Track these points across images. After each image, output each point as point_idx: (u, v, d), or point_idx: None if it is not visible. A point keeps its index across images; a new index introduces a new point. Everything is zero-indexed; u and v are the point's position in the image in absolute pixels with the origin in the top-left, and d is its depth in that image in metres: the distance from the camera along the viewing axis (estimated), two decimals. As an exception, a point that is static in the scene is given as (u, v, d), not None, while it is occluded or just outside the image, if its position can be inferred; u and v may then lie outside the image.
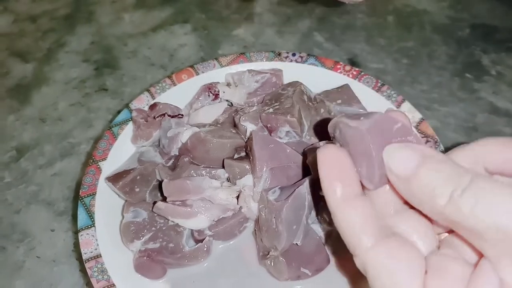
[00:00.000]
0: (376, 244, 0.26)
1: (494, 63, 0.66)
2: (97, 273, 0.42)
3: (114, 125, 0.51)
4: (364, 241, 0.26)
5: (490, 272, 0.24)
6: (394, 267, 0.25)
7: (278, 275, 0.43)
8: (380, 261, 0.25)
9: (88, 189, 0.47)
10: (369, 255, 0.26)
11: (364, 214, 0.26)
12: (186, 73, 0.56)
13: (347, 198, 0.27)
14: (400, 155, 0.26)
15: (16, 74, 0.69)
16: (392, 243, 0.26)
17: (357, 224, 0.26)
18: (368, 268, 0.26)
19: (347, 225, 0.26)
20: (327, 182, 0.27)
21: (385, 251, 0.25)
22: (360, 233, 0.26)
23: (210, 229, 0.45)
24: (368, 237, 0.26)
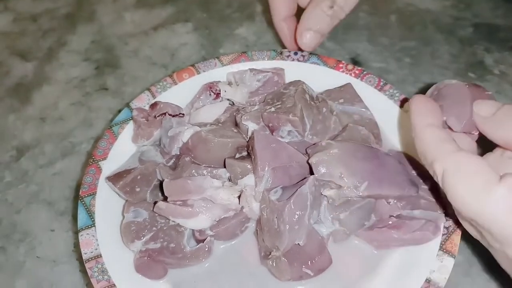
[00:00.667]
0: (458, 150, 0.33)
1: (497, 62, 0.66)
2: (98, 273, 0.41)
3: (115, 125, 0.51)
4: (447, 147, 0.33)
5: None
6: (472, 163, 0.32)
7: (280, 276, 0.43)
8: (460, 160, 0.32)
9: (89, 188, 0.46)
10: (452, 156, 0.32)
11: (446, 135, 0.35)
12: (187, 72, 0.55)
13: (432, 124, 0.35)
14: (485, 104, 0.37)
15: (17, 73, 0.69)
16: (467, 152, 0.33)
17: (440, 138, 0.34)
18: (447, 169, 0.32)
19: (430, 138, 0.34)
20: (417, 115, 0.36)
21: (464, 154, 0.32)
22: (442, 142, 0.34)
23: (211, 229, 0.45)
24: (449, 146, 0.33)
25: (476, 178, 0.31)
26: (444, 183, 0.33)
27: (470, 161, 0.32)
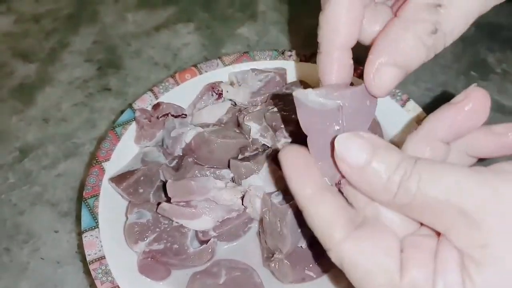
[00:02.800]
0: (348, 236, 0.26)
1: (500, 61, 0.66)
2: (101, 274, 0.41)
3: (117, 125, 0.51)
4: (336, 234, 0.26)
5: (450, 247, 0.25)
6: (368, 254, 0.26)
7: (283, 278, 0.43)
8: (354, 251, 0.26)
9: (92, 190, 0.46)
10: (342, 248, 0.26)
11: (333, 207, 0.27)
12: (190, 73, 0.55)
13: (314, 193, 0.27)
14: (352, 146, 0.26)
15: (19, 74, 0.69)
16: (363, 232, 0.26)
17: (326, 218, 0.27)
18: (343, 261, 0.26)
19: (317, 220, 0.27)
20: (293, 181, 0.28)
21: (356, 241, 0.26)
22: (330, 227, 0.26)
23: (215, 230, 0.45)
24: (339, 231, 0.26)
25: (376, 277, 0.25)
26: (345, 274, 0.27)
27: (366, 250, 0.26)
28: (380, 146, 0.26)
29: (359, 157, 0.26)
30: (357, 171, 0.26)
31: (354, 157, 0.26)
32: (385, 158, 0.26)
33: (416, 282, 0.25)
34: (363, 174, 0.26)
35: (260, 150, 0.48)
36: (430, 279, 0.24)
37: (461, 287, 0.24)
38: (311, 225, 0.28)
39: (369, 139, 0.26)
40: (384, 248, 0.26)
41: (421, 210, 0.25)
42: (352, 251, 0.26)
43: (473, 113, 0.28)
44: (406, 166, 0.25)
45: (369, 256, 0.26)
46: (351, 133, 0.27)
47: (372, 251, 0.26)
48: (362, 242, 0.26)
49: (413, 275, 0.25)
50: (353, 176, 0.27)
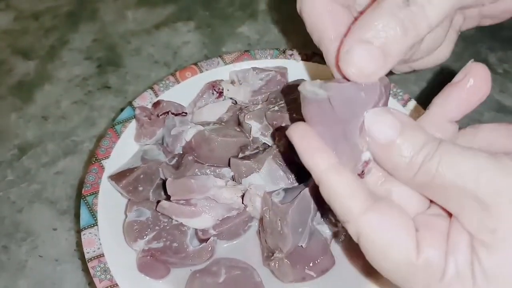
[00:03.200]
0: (367, 209, 0.27)
1: (501, 61, 0.66)
2: (100, 272, 0.41)
3: (117, 123, 0.51)
4: (355, 207, 0.27)
5: (461, 229, 0.26)
6: (386, 228, 0.26)
7: (283, 278, 0.43)
8: (373, 225, 0.26)
9: (91, 187, 0.46)
10: (361, 221, 0.26)
11: (351, 181, 0.27)
12: (190, 71, 0.55)
13: (331, 167, 0.28)
14: (381, 121, 0.27)
15: (19, 71, 0.68)
16: (381, 206, 0.27)
17: (345, 192, 0.27)
18: (361, 232, 0.27)
19: (335, 193, 0.27)
20: (307, 155, 0.28)
21: (376, 215, 0.26)
22: (349, 200, 0.27)
23: (214, 229, 0.44)
24: (358, 203, 0.27)
25: (393, 253, 0.26)
26: (361, 248, 0.27)
27: (384, 226, 0.26)
28: (408, 124, 0.27)
29: (386, 134, 0.26)
30: (382, 147, 0.27)
31: (382, 132, 0.27)
32: (411, 138, 0.26)
33: (430, 261, 0.25)
34: (388, 151, 0.27)
35: (260, 148, 0.48)
36: (443, 259, 0.25)
37: (470, 268, 0.25)
38: (328, 198, 0.28)
39: (398, 117, 0.27)
40: (401, 225, 0.26)
41: (437, 191, 0.26)
42: (370, 225, 0.26)
43: (476, 89, 0.29)
44: (430, 148, 0.26)
45: (388, 232, 0.26)
46: (381, 108, 0.27)
47: (390, 227, 0.26)
48: (381, 217, 0.26)
49: (428, 255, 0.25)
50: (378, 151, 0.27)
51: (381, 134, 0.27)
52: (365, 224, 0.26)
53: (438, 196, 0.26)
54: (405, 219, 0.27)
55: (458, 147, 0.25)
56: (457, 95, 0.29)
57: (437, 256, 0.25)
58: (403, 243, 0.26)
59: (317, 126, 0.29)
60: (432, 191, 0.26)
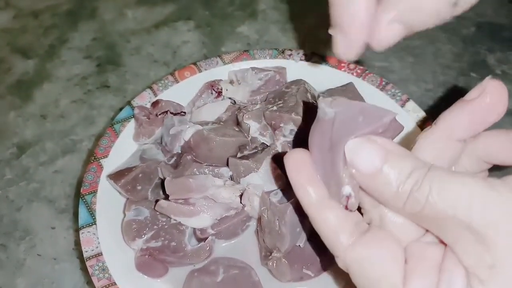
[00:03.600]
0: (354, 242, 0.26)
1: (500, 62, 0.66)
2: (98, 271, 0.41)
3: (116, 122, 0.51)
4: (342, 241, 0.26)
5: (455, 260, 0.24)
6: (373, 261, 0.25)
7: (281, 277, 0.43)
8: (359, 258, 0.26)
9: (90, 186, 0.46)
10: (348, 254, 0.26)
11: (339, 213, 0.27)
12: (189, 71, 0.55)
13: (321, 199, 0.27)
14: (364, 150, 0.25)
15: (18, 70, 0.68)
16: (368, 240, 0.26)
17: (333, 225, 0.26)
18: (349, 267, 0.26)
19: (324, 227, 0.27)
20: (299, 187, 0.27)
21: (363, 248, 0.26)
22: (337, 233, 0.26)
23: (213, 228, 0.45)
24: (345, 237, 0.26)
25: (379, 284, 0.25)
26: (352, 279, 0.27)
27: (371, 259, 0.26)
28: (393, 151, 0.25)
29: (370, 163, 0.25)
30: (367, 177, 0.26)
31: (365, 162, 0.25)
32: (397, 165, 0.25)
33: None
34: (373, 181, 0.25)
35: (259, 148, 0.48)
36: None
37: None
38: (318, 231, 0.28)
39: (382, 144, 0.26)
40: (388, 258, 0.26)
41: (429, 220, 0.25)
42: (358, 259, 0.26)
43: (492, 107, 0.27)
44: (418, 175, 0.24)
45: (374, 265, 0.25)
46: (363, 138, 0.26)
47: (377, 260, 0.26)
48: (368, 250, 0.26)
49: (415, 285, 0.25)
50: (363, 181, 0.26)
51: (364, 163, 0.25)
52: (352, 260, 0.26)
53: (431, 226, 0.25)
54: (392, 251, 0.26)
55: (450, 173, 0.24)
56: (470, 113, 0.27)
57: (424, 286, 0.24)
58: (390, 277, 0.25)
59: (315, 151, 0.28)
60: (424, 221, 0.25)
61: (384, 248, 0.26)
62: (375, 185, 0.26)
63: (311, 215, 0.27)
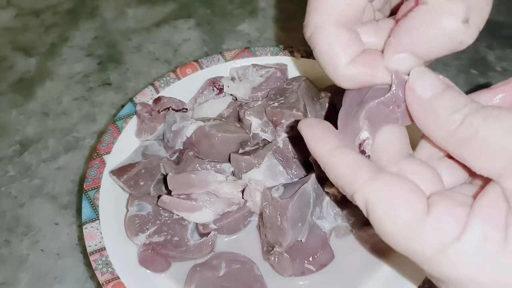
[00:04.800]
0: (374, 176, 0.26)
1: (500, 59, 0.66)
2: (102, 266, 0.41)
3: (118, 119, 0.51)
4: (361, 177, 0.26)
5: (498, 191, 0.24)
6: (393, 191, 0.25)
7: (282, 271, 0.43)
8: (380, 189, 0.26)
9: (92, 182, 0.46)
10: (368, 187, 0.26)
11: (355, 156, 0.28)
12: (191, 67, 0.55)
13: (335, 148, 0.28)
14: (426, 78, 0.27)
15: (20, 68, 0.69)
16: (388, 175, 0.26)
17: (351, 164, 0.27)
18: (368, 200, 0.26)
19: (341, 167, 0.27)
20: (313, 142, 0.29)
21: (383, 180, 0.26)
22: (355, 171, 0.27)
23: (215, 223, 0.45)
24: (364, 173, 0.26)
25: (401, 211, 0.25)
26: (369, 217, 0.27)
27: (392, 189, 0.26)
28: (452, 86, 0.27)
29: (430, 89, 0.26)
30: (423, 103, 0.26)
31: (428, 86, 0.26)
32: (454, 95, 0.26)
33: (443, 219, 0.24)
34: (429, 106, 0.26)
35: (260, 144, 0.48)
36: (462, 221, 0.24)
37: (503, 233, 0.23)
38: (334, 177, 0.28)
39: (442, 78, 0.27)
40: (411, 189, 0.26)
41: (479, 149, 0.24)
42: (377, 189, 0.26)
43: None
44: (473, 106, 0.25)
45: (395, 193, 0.25)
46: (427, 68, 0.28)
47: (397, 190, 0.25)
48: (388, 181, 0.26)
49: (440, 212, 0.24)
50: (417, 108, 0.27)
51: (426, 87, 0.27)
52: (372, 190, 0.26)
53: (479, 157, 0.25)
54: (413, 185, 0.26)
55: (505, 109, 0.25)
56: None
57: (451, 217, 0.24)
58: (412, 205, 0.25)
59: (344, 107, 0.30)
60: (473, 150, 0.25)
61: (406, 181, 0.26)
62: (429, 111, 0.26)
63: (328, 162, 0.28)
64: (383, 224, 0.26)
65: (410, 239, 0.25)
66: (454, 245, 0.24)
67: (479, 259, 0.23)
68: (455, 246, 0.24)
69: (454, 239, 0.24)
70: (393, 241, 0.26)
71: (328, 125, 0.30)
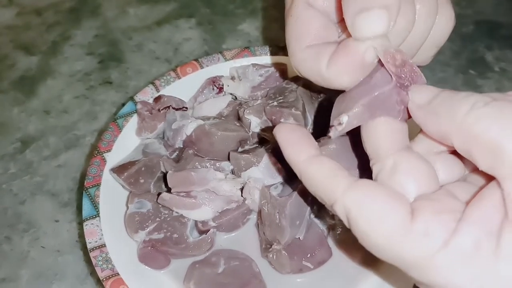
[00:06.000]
0: (352, 184, 0.26)
1: (498, 59, 0.66)
2: (102, 262, 0.42)
3: (119, 117, 0.51)
4: (339, 186, 0.26)
5: (495, 194, 0.23)
6: (374, 199, 0.25)
7: (280, 269, 0.44)
8: (359, 197, 0.25)
9: (93, 179, 0.47)
10: (347, 196, 0.26)
11: (332, 165, 0.27)
12: (191, 67, 0.56)
13: (311, 156, 0.28)
14: (422, 90, 0.28)
15: (21, 66, 0.69)
16: (366, 182, 0.26)
17: (328, 173, 0.27)
18: (349, 209, 0.25)
19: (318, 176, 0.27)
20: (289, 149, 0.28)
21: (362, 187, 0.26)
22: (332, 180, 0.26)
23: (214, 221, 0.45)
24: (341, 182, 0.26)
25: (384, 219, 0.24)
26: (351, 227, 0.26)
27: (373, 197, 0.25)
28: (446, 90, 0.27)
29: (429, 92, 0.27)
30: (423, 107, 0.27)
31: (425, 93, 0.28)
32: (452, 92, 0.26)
33: (428, 227, 0.23)
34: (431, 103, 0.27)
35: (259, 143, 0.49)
36: (450, 227, 0.23)
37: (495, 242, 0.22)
38: (311, 186, 0.28)
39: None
40: (393, 195, 0.25)
41: (487, 147, 0.23)
42: (358, 197, 0.25)
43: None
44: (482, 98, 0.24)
45: (376, 201, 0.25)
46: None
47: (378, 197, 0.25)
48: (368, 188, 0.25)
49: (426, 219, 0.23)
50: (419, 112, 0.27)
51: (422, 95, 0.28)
52: (352, 198, 0.25)
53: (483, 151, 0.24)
54: (393, 191, 0.25)
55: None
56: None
57: (437, 221, 0.23)
58: (396, 212, 0.24)
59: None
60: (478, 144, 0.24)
61: (385, 188, 0.26)
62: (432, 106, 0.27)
63: (304, 170, 0.28)
64: (366, 234, 0.25)
65: (394, 247, 0.24)
66: (441, 252, 0.23)
67: (469, 267, 0.23)
68: (443, 253, 0.23)
69: (441, 245, 0.23)
70: (376, 251, 0.25)
71: (305, 131, 0.29)
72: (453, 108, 0.25)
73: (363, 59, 0.29)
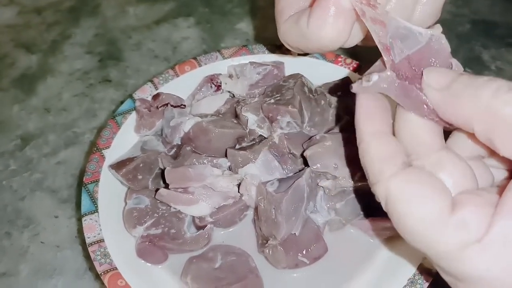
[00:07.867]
0: (404, 168, 0.26)
1: (494, 58, 0.67)
2: (100, 257, 0.42)
3: (118, 115, 0.52)
4: (391, 167, 0.26)
5: None
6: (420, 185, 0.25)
7: (276, 264, 0.44)
8: (403, 184, 0.26)
9: (92, 176, 0.47)
10: (395, 178, 0.26)
11: (392, 147, 0.27)
12: (189, 65, 0.56)
13: (378, 132, 0.28)
14: (439, 73, 0.27)
15: (21, 65, 0.70)
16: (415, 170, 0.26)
17: (383, 155, 0.27)
18: (391, 192, 0.26)
19: (373, 154, 0.27)
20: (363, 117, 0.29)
21: (408, 176, 0.26)
22: (385, 162, 0.27)
23: (211, 216, 0.46)
24: (392, 166, 0.26)
25: (424, 207, 0.25)
26: (388, 210, 0.26)
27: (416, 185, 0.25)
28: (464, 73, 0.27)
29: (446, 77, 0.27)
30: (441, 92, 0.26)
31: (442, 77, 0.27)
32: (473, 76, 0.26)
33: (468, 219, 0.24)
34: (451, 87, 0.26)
35: (256, 140, 0.49)
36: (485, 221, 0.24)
37: None
38: (363, 158, 0.28)
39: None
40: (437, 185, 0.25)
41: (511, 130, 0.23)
42: (404, 182, 0.26)
43: None
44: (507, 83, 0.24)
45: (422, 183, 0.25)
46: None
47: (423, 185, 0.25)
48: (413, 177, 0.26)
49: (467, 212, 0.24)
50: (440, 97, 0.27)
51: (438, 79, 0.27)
52: (397, 184, 0.26)
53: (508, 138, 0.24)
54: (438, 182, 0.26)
55: None
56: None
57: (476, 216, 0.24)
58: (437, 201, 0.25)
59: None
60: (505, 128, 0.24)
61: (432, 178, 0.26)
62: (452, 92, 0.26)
63: (364, 142, 0.28)
64: (404, 216, 0.25)
65: (429, 234, 0.25)
66: (476, 244, 0.23)
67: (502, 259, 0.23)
68: (478, 245, 0.23)
69: (478, 238, 0.23)
70: (410, 236, 0.26)
71: (384, 104, 0.29)
72: (476, 92, 0.25)
73: (339, 4, 0.30)
